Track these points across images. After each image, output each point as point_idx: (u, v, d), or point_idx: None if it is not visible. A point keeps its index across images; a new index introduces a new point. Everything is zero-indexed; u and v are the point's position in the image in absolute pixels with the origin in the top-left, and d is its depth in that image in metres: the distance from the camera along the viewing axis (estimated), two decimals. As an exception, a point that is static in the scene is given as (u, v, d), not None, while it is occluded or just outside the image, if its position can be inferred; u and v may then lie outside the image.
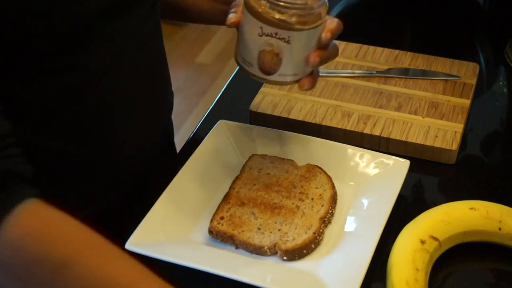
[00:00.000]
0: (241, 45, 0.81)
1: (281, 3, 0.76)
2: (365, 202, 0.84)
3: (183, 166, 0.88)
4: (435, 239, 0.77)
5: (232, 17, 0.81)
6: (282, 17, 0.76)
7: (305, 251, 0.78)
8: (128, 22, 0.80)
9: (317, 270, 0.77)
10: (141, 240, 0.79)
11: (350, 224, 0.82)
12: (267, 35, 0.77)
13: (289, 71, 0.80)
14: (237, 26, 0.81)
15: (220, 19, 0.90)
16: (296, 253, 0.78)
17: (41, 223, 0.64)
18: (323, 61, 0.80)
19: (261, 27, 0.77)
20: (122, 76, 0.82)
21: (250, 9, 0.77)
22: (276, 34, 0.77)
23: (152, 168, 0.95)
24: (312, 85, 0.82)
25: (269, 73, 0.80)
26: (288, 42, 0.77)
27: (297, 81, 0.82)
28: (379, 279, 0.77)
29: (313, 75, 0.82)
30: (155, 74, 0.90)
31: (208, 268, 0.76)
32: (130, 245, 0.78)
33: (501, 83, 1.09)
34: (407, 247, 0.76)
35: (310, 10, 0.77)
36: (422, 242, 0.77)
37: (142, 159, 0.91)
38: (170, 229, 0.82)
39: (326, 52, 0.80)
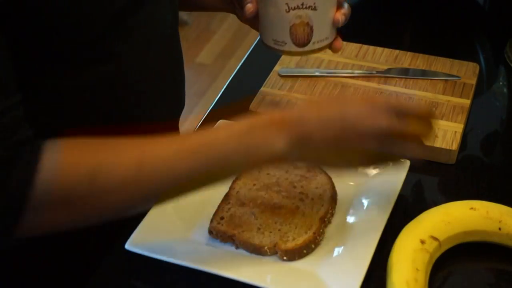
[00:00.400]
0: (268, 27, 0.83)
1: None
2: (365, 202, 0.84)
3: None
4: (435, 239, 0.77)
5: (250, 6, 0.83)
6: None
7: (305, 251, 0.78)
8: (151, 12, 0.81)
9: (317, 270, 0.77)
10: (141, 240, 0.79)
11: (350, 224, 0.82)
12: (294, 9, 0.79)
13: (321, 36, 0.83)
14: (255, 13, 0.83)
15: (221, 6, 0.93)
16: (296, 253, 0.78)
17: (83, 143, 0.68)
18: (346, 19, 0.85)
19: (286, 3, 0.79)
20: (149, 65, 0.84)
21: None
22: (302, 4, 0.79)
23: None
24: (341, 45, 0.86)
25: (304, 44, 0.83)
26: (315, 8, 0.80)
27: (329, 45, 0.85)
28: (379, 279, 0.77)
29: (339, 36, 0.86)
30: (177, 65, 0.91)
31: (208, 268, 0.76)
32: (130, 245, 0.78)
33: (501, 83, 1.09)
34: (407, 247, 0.76)
35: None
36: (422, 242, 0.77)
37: None
38: (170, 229, 0.82)
39: (345, 9, 0.84)
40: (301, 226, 0.80)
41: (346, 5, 0.85)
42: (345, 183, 0.87)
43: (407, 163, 0.86)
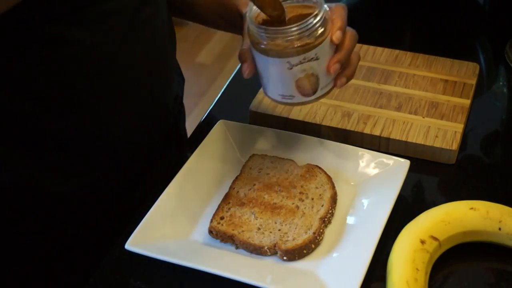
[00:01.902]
0: (272, 84, 0.81)
1: (295, 31, 0.76)
2: (365, 202, 0.84)
3: (183, 166, 0.88)
4: (435, 239, 0.77)
5: (246, 68, 0.80)
6: (302, 41, 0.76)
7: (305, 251, 0.78)
8: (120, 5, 0.80)
9: (317, 270, 0.77)
10: (141, 240, 0.79)
11: (350, 224, 0.82)
12: (296, 65, 0.77)
13: (328, 80, 0.81)
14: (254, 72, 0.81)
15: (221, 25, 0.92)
16: (296, 253, 0.78)
17: None
18: (343, 61, 0.80)
19: (288, 62, 0.77)
20: (118, 56, 0.82)
21: (268, 52, 0.77)
22: (304, 58, 0.77)
23: (152, 163, 0.95)
24: (347, 80, 0.82)
25: (313, 93, 0.80)
26: (317, 58, 0.78)
27: (332, 87, 0.82)
28: (379, 279, 0.77)
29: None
30: (153, 59, 0.89)
31: (208, 268, 0.76)
32: (130, 245, 0.78)
33: (501, 83, 1.09)
34: (407, 247, 0.76)
35: (320, 20, 0.77)
36: (422, 242, 0.77)
37: (140, 146, 0.90)
38: (170, 229, 0.82)
39: (343, 50, 0.80)
40: (301, 226, 0.80)
41: (349, 31, 0.82)
42: (345, 183, 0.87)
43: (407, 163, 0.86)
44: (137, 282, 0.80)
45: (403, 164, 0.86)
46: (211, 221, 0.82)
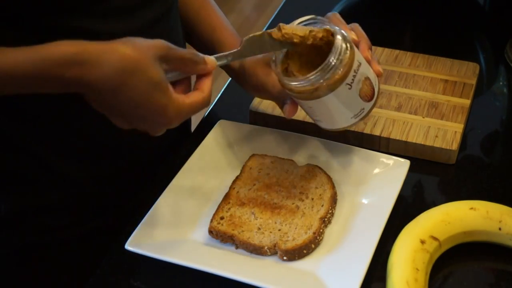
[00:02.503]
0: (339, 115, 0.80)
1: (332, 63, 0.75)
2: (365, 202, 0.84)
3: (183, 166, 0.88)
4: (435, 239, 0.77)
5: (291, 109, 0.83)
6: (343, 62, 0.75)
7: (305, 251, 0.78)
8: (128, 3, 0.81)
9: (317, 270, 0.77)
10: (141, 240, 0.79)
11: (350, 224, 0.82)
12: (352, 81, 0.76)
13: (373, 75, 0.81)
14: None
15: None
16: (296, 253, 0.78)
17: None
18: (369, 47, 0.83)
19: (346, 84, 0.76)
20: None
21: (320, 93, 0.76)
22: (354, 71, 0.76)
23: (156, 162, 0.95)
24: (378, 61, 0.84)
25: (374, 94, 0.80)
26: (359, 63, 0.77)
27: (376, 72, 0.82)
28: (379, 279, 0.77)
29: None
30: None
31: (208, 268, 0.76)
32: (130, 245, 0.78)
33: (501, 83, 1.09)
34: (407, 247, 0.76)
35: (344, 41, 0.77)
36: (422, 242, 0.77)
37: (143, 144, 0.90)
38: (170, 229, 0.82)
39: (364, 40, 0.83)
40: (301, 226, 0.80)
41: (357, 29, 0.84)
42: (345, 183, 0.87)
43: (407, 163, 0.86)
44: (137, 282, 0.80)
45: (403, 164, 0.86)
46: (211, 221, 0.82)
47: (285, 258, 0.78)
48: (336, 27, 0.78)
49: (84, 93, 0.68)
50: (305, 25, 0.81)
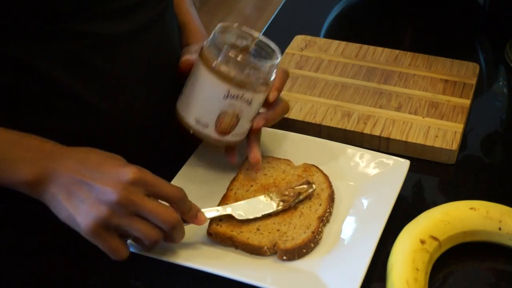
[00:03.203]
0: (195, 105, 0.80)
1: (252, 63, 0.77)
2: (365, 202, 0.84)
3: (182, 167, 0.88)
4: (435, 239, 0.77)
5: (188, 59, 0.84)
6: (251, 79, 0.77)
7: (304, 251, 0.78)
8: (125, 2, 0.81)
9: (317, 270, 0.77)
10: (141, 240, 0.79)
11: (350, 224, 0.82)
12: (232, 97, 0.78)
13: (241, 131, 0.82)
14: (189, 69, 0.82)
15: None
16: (296, 253, 0.78)
17: None
18: (268, 123, 0.85)
19: (228, 90, 0.77)
20: (134, 49, 0.83)
21: (216, 72, 0.77)
22: (242, 96, 0.78)
23: (157, 162, 0.95)
24: (265, 123, 0.85)
25: (225, 133, 0.81)
26: (249, 103, 0.79)
27: (241, 140, 0.84)
28: (379, 279, 0.77)
29: (256, 146, 0.86)
30: (165, 52, 0.90)
31: (208, 268, 0.76)
32: (130, 245, 0.78)
33: (501, 83, 1.09)
34: (407, 247, 0.76)
35: (273, 70, 0.79)
36: (422, 242, 0.77)
37: (145, 144, 0.91)
38: (170, 229, 0.82)
39: (273, 112, 0.84)
40: (299, 226, 0.80)
41: (280, 100, 0.85)
42: (345, 183, 0.87)
43: (407, 163, 0.86)
44: (137, 282, 0.80)
45: (403, 164, 0.86)
46: (210, 223, 0.82)
47: (284, 258, 0.78)
48: (278, 62, 0.80)
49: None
50: (228, 35, 0.82)
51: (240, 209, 0.81)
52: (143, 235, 0.72)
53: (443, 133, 0.93)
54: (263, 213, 0.81)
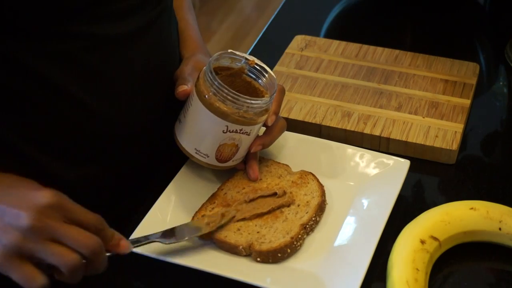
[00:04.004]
0: (195, 137, 0.82)
1: (254, 104, 0.78)
2: (365, 202, 0.84)
3: (182, 167, 0.88)
4: (435, 239, 0.77)
5: (184, 89, 0.83)
6: (249, 115, 0.79)
7: (279, 255, 0.78)
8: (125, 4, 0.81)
9: (317, 270, 0.77)
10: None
11: (350, 224, 0.82)
12: (231, 132, 0.79)
13: (240, 155, 0.84)
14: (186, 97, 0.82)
15: None
16: (270, 256, 0.77)
17: None
18: (266, 147, 0.86)
19: (226, 126, 0.79)
20: (131, 50, 0.83)
21: (213, 109, 0.78)
22: (241, 130, 0.80)
23: (156, 163, 0.95)
24: (262, 147, 0.86)
25: (225, 161, 0.83)
26: (248, 134, 0.81)
27: (241, 161, 0.86)
28: (379, 279, 0.77)
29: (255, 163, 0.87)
30: (163, 53, 0.90)
31: (208, 268, 0.76)
32: (130, 244, 0.78)
33: (501, 83, 1.09)
34: (407, 247, 0.76)
35: (269, 103, 0.80)
36: (422, 242, 0.77)
37: (146, 144, 0.91)
38: (170, 229, 0.82)
39: (271, 136, 0.85)
40: (280, 230, 0.80)
41: (279, 119, 0.86)
42: (345, 183, 0.87)
43: (407, 163, 0.86)
44: (137, 282, 0.80)
45: (403, 164, 0.86)
46: (192, 218, 0.81)
47: (258, 259, 0.78)
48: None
49: None
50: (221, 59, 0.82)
51: (167, 235, 0.78)
52: (60, 260, 0.65)
53: (443, 133, 0.93)
54: (189, 236, 0.79)
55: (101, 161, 0.88)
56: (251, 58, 0.83)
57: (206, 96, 0.78)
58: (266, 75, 0.83)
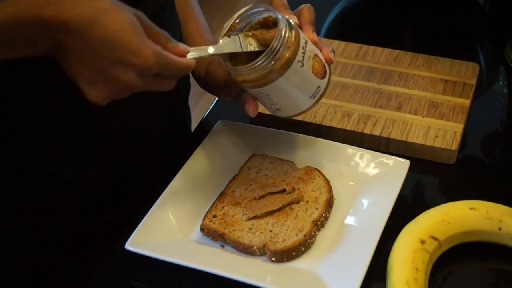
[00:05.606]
0: (298, 97, 0.80)
1: (277, 45, 0.75)
2: (365, 202, 0.84)
3: (183, 166, 0.88)
4: (435, 239, 0.77)
5: (253, 107, 0.81)
6: (294, 38, 0.76)
7: (294, 253, 0.78)
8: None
9: (317, 270, 0.77)
10: (141, 240, 0.79)
11: (350, 224, 0.82)
12: (303, 58, 0.77)
13: (321, 54, 0.81)
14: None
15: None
16: (285, 255, 0.78)
17: None
18: (315, 27, 0.82)
19: (298, 61, 0.76)
20: None
21: (273, 76, 0.76)
22: (303, 48, 0.77)
23: (160, 163, 0.95)
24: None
25: (326, 71, 0.81)
26: (306, 40, 0.78)
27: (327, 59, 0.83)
28: (379, 279, 0.77)
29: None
30: None
31: (208, 268, 0.76)
32: (130, 245, 0.78)
33: (501, 83, 1.09)
34: (407, 247, 0.76)
35: (288, 27, 0.77)
36: (422, 242, 0.77)
37: (146, 145, 0.90)
38: (170, 229, 0.82)
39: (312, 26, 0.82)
40: (292, 228, 0.80)
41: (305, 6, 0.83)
42: (345, 183, 0.87)
43: (407, 163, 0.86)
44: (137, 282, 0.80)
45: (403, 164, 0.86)
46: (204, 218, 0.82)
47: (273, 259, 0.78)
48: (278, 14, 0.77)
49: (58, 42, 0.67)
50: (247, 14, 0.82)
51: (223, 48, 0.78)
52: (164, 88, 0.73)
53: (443, 133, 0.93)
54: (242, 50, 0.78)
55: (102, 161, 0.88)
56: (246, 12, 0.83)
57: (257, 80, 0.76)
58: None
